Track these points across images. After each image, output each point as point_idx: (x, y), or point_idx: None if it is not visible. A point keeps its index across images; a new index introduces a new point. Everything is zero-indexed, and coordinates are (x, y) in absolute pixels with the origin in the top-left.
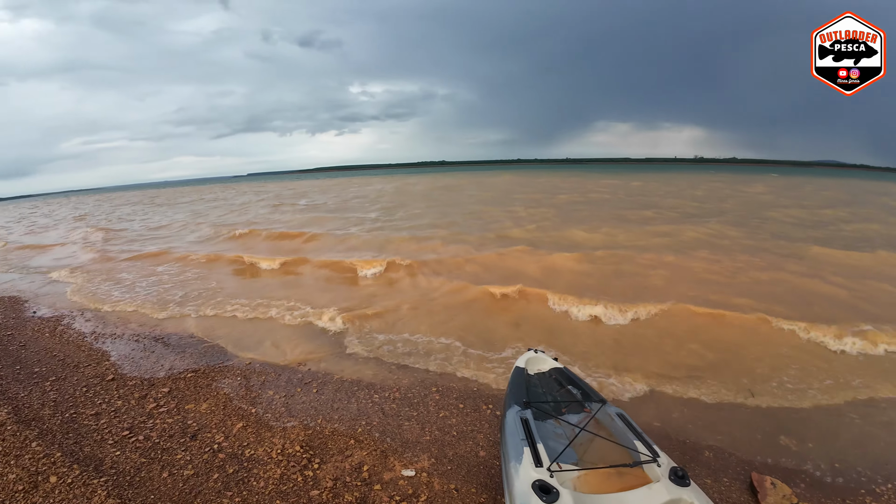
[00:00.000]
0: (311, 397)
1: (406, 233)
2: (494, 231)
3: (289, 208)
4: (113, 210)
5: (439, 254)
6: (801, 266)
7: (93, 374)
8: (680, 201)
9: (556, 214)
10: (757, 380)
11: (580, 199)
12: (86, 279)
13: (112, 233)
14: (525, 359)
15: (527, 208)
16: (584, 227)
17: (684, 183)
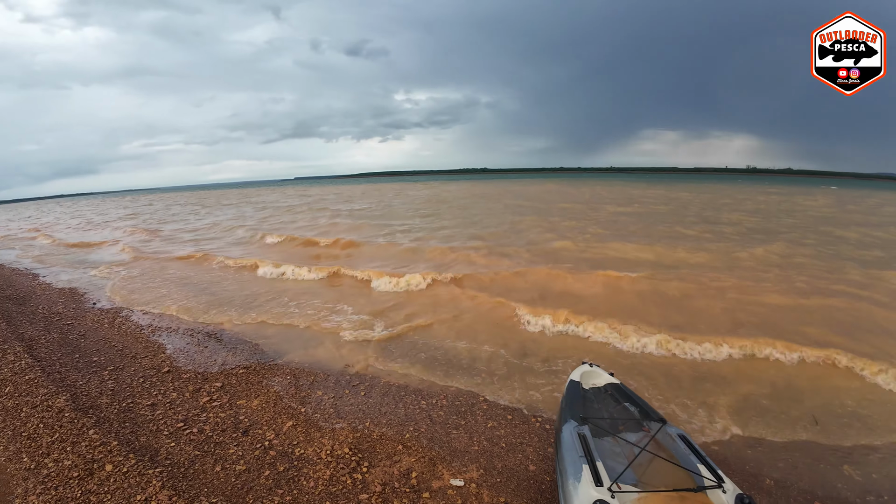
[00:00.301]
0: (358, 399)
1: (449, 243)
2: (539, 244)
3: (330, 214)
4: (167, 208)
5: (483, 267)
6: (879, 293)
7: (149, 365)
8: (738, 215)
9: (603, 227)
10: (822, 410)
11: (628, 210)
12: (126, 279)
13: (157, 234)
14: (580, 372)
15: (571, 220)
16: (634, 243)
17: (739, 194)
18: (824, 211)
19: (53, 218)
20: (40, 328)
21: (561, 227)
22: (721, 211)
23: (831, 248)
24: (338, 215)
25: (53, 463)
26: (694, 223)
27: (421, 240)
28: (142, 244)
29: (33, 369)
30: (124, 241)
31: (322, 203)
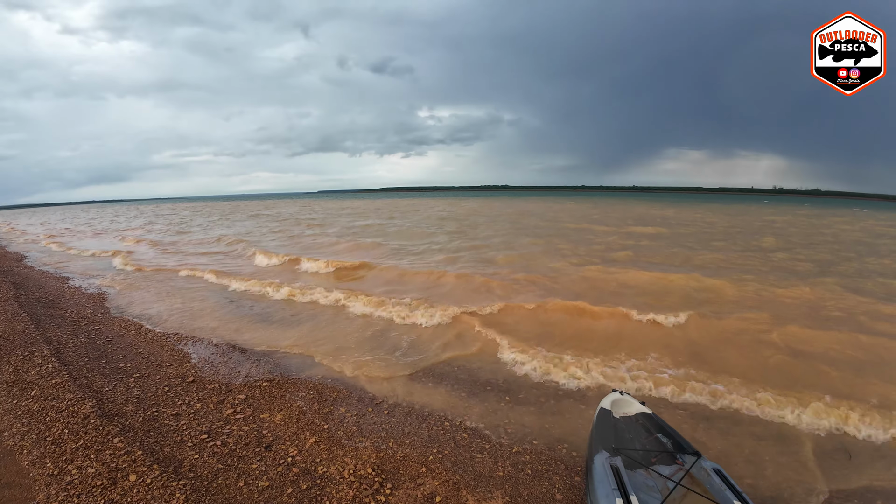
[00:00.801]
0: (381, 418)
1: (465, 267)
2: (572, 273)
3: (339, 231)
4: (181, 220)
5: (501, 298)
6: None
7: (174, 374)
8: (785, 242)
9: (637, 253)
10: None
11: (662, 232)
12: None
13: (157, 245)
14: (610, 400)
15: (602, 240)
16: (678, 272)
17: (776, 216)
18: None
19: (72, 223)
20: (68, 332)
21: (582, 252)
22: (760, 234)
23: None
24: (349, 233)
25: (77, 470)
26: (738, 250)
27: (437, 262)
28: (137, 257)
29: (60, 373)
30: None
31: (339, 216)
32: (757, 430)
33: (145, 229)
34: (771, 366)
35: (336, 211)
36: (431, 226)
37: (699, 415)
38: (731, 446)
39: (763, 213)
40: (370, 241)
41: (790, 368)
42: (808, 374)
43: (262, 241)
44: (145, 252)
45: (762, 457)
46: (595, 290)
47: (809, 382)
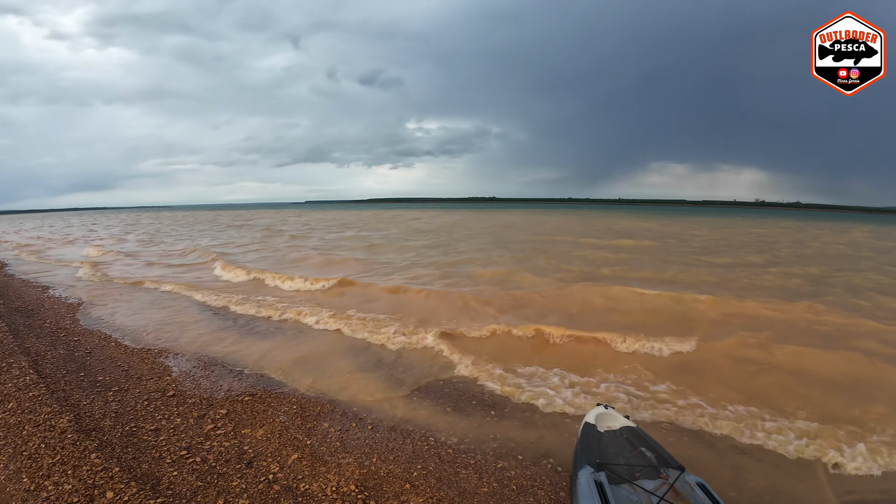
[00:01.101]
0: (365, 434)
1: (455, 284)
2: (554, 290)
3: (315, 243)
4: (158, 230)
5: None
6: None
7: (154, 388)
8: (774, 256)
9: (621, 268)
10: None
11: (648, 245)
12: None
13: (121, 255)
14: (594, 414)
15: (585, 254)
16: (665, 288)
17: (761, 229)
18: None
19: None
20: (47, 343)
21: (565, 268)
22: (756, 250)
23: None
24: (328, 246)
25: (53, 486)
26: (741, 267)
27: (415, 279)
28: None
29: (38, 386)
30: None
31: (322, 228)
32: (740, 444)
33: (116, 238)
34: (758, 383)
35: (320, 222)
36: (413, 238)
37: (683, 429)
38: (715, 460)
39: (747, 226)
40: (349, 256)
41: (777, 385)
42: (794, 391)
43: (236, 253)
44: (113, 262)
45: (746, 471)
46: (578, 308)
47: (795, 400)
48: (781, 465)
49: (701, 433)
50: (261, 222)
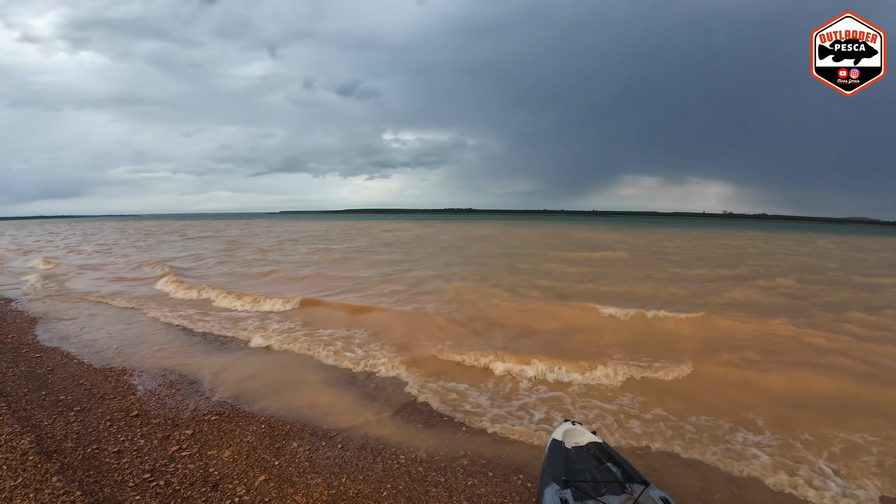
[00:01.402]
0: (335, 453)
1: (424, 302)
2: (524, 307)
3: (287, 260)
4: (115, 240)
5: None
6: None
7: (117, 407)
8: (753, 271)
9: (595, 285)
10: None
11: (623, 257)
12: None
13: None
14: (562, 431)
15: (556, 269)
16: (639, 306)
17: (739, 241)
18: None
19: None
20: (8, 359)
21: (537, 283)
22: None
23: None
24: (290, 261)
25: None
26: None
27: (379, 296)
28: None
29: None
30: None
31: (290, 240)
32: (705, 458)
33: (71, 250)
34: (729, 398)
35: (291, 233)
36: (383, 252)
37: (648, 444)
38: (680, 474)
39: (724, 237)
40: (313, 273)
41: (747, 403)
42: (769, 410)
43: (194, 268)
44: (64, 275)
45: (710, 486)
46: (550, 328)
47: (763, 417)
48: (749, 484)
49: (670, 452)
50: (229, 233)
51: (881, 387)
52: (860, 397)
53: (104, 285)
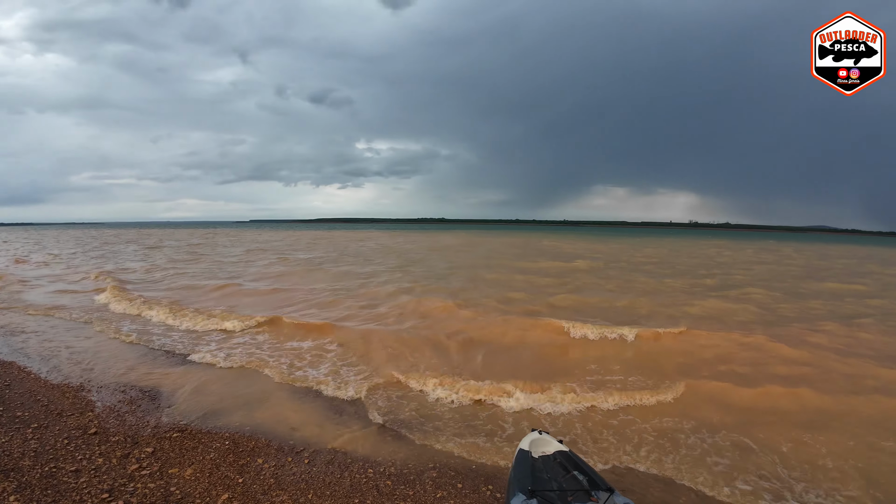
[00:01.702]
0: (302, 468)
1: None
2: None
3: (239, 272)
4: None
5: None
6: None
7: (75, 424)
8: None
9: (554, 299)
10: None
11: (595, 267)
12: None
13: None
14: (529, 440)
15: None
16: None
17: (709, 249)
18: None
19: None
20: None
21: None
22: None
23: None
24: (241, 273)
25: None
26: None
27: (339, 314)
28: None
29: None
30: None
31: (255, 249)
32: (668, 471)
33: (20, 259)
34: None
35: (257, 242)
36: (347, 264)
37: (616, 456)
38: (647, 480)
39: (692, 246)
40: (268, 288)
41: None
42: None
43: (144, 282)
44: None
45: (675, 490)
46: (521, 347)
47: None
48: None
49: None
50: (193, 242)
51: (846, 396)
52: (825, 408)
53: (51, 297)
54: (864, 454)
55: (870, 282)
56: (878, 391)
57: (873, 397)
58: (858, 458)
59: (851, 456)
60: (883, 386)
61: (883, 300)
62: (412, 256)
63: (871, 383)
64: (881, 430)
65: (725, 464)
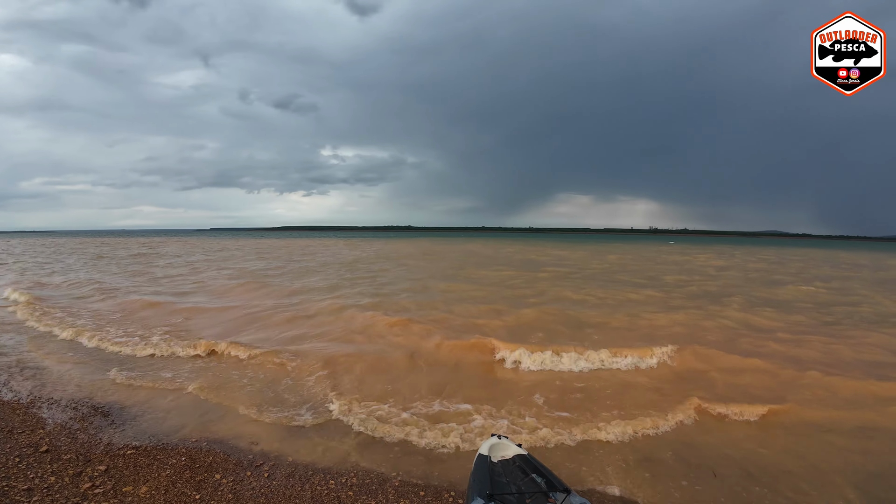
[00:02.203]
0: (261, 482)
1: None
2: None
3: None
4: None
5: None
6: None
7: (26, 442)
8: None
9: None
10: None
11: (562, 272)
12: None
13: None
14: (488, 445)
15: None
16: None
17: (668, 255)
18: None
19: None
20: None
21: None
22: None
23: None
24: (172, 288)
25: None
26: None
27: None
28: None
29: None
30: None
31: (200, 260)
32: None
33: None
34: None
35: (209, 252)
36: (297, 277)
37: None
38: (605, 479)
39: (656, 252)
40: (194, 306)
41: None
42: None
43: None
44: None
45: (630, 486)
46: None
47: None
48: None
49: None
50: (133, 249)
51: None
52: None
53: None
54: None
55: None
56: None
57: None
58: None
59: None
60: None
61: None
62: (377, 269)
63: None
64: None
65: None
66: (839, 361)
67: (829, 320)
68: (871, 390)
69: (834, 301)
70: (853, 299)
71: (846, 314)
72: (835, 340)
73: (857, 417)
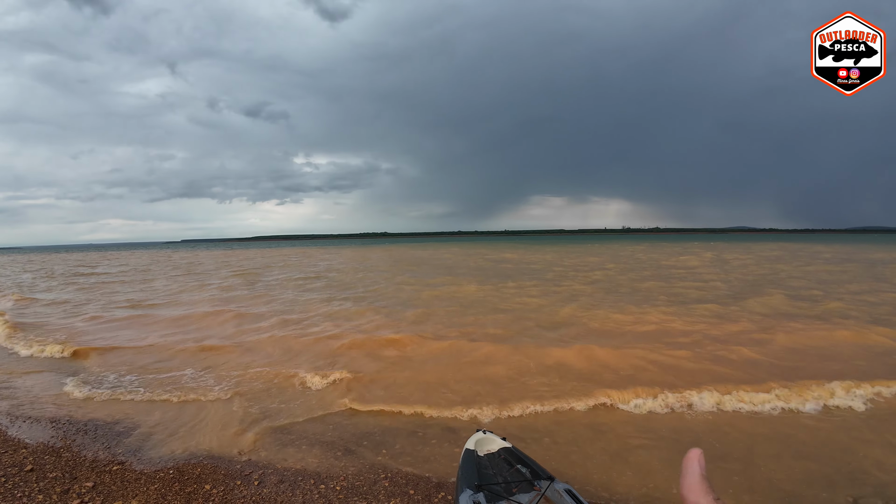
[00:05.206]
0: (251, 491)
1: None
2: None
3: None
4: None
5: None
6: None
7: (9, 462)
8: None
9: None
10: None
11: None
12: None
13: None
14: (474, 440)
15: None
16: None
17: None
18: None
19: None
20: None
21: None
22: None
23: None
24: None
25: None
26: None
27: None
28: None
29: None
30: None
31: (158, 275)
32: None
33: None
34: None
35: (166, 265)
36: (267, 292)
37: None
38: (586, 466)
39: (634, 251)
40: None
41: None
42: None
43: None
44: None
45: (610, 473)
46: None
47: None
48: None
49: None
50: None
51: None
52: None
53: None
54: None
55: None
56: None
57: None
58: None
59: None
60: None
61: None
62: (351, 278)
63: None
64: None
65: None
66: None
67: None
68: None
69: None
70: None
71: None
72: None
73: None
